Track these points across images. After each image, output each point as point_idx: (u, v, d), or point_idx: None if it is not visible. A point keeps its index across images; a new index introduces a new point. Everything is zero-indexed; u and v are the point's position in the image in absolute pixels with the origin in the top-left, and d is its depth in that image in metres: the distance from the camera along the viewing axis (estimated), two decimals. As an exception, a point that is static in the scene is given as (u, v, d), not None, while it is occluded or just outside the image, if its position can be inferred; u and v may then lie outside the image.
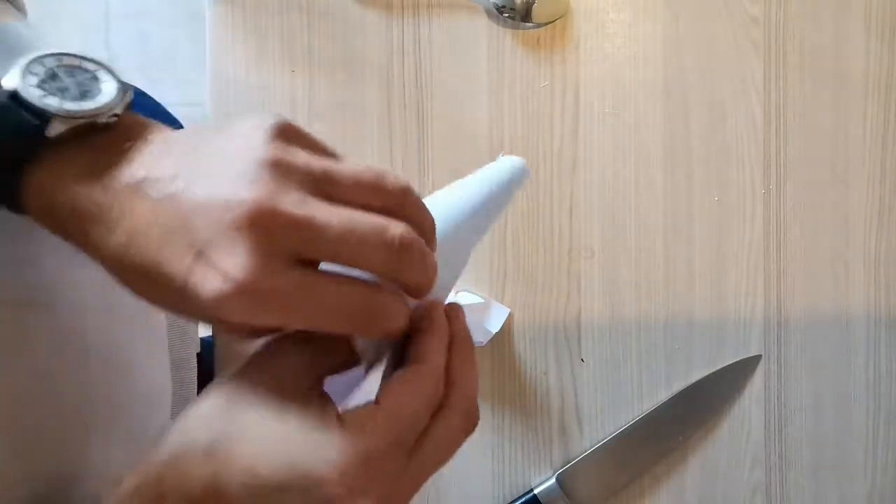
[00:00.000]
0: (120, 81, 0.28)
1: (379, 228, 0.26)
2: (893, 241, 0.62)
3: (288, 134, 0.27)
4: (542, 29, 0.61)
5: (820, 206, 0.62)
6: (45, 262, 0.32)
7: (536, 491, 0.60)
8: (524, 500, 0.60)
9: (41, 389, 0.31)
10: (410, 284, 0.28)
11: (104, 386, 0.34)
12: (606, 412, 0.61)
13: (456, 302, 0.33)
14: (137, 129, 0.28)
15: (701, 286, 0.62)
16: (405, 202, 0.28)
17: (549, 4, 0.60)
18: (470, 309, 0.57)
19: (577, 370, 0.61)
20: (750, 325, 0.62)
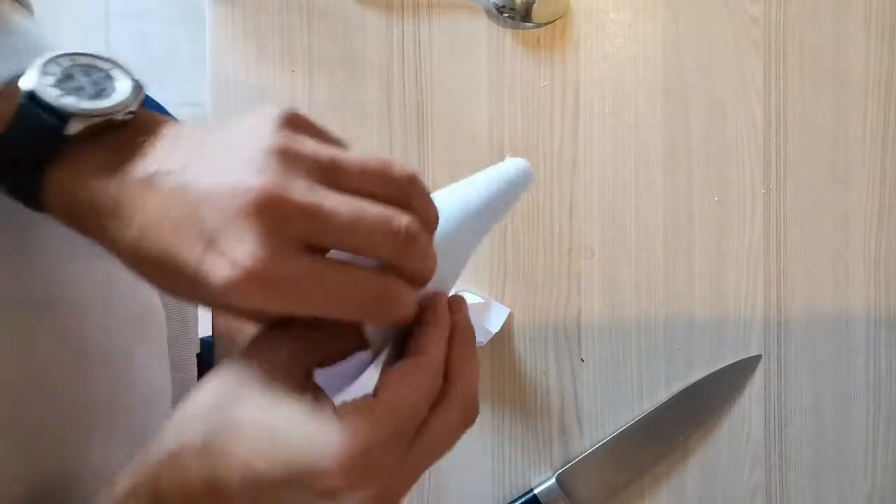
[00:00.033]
0: (133, 79, 0.28)
1: (386, 217, 0.26)
2: (893, 241, 0.62)
3: (295, 123, 0.27)
4: (542, 29, 0.61)
5: (820, 206, 0.62)
6: (44, 262, 0.32)
7: (536, 491, 0.60)
8: (524, 500, 0.60)
9: (41, 389, 0.31)
10: (414, 273, 0.28)
11: (104, 386, 0.34)
12: (606, 412, 0.61)
13: (459, 294, 0.32)
14: (150, 124, 0.28)
15: (701, 286, 0.62)
16: (412, 192, 0.28)
17: (549, 4, 0.60)
18: (470, 309, 0.56)
19: (577, 370, 0.61)
20: (750, 325, 0.62)
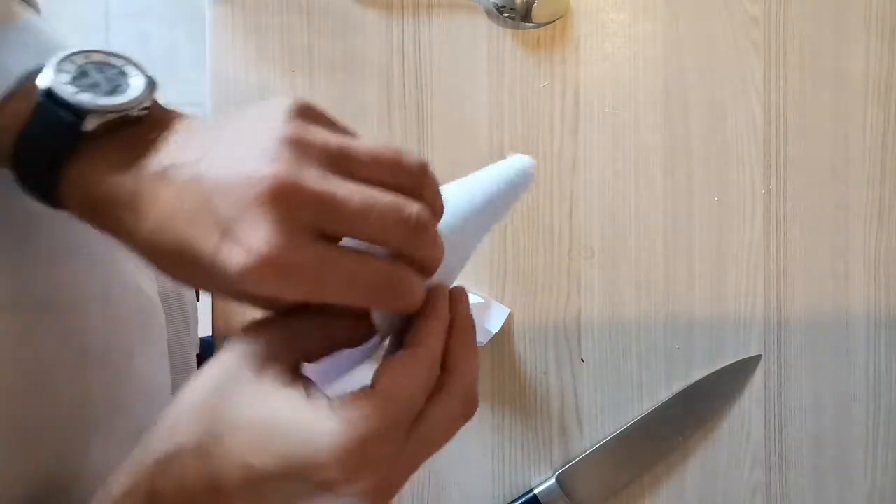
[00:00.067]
0: (146, 75, 0.29)
1: (396, 206, 0.27)
2: (893, 241, 0.62)
3: (307, 113, 0.27)
4: (542, 29, 0.61)
5: (820, 206, 0.62)
6: (44, 262, 0.32)
7: (536, 491, 0.60)
8: (524, 500, 0.60)
9: (41, 389, 0.31)
10: (423, 261, 0.28)
11: (104, 386, 0.34)
12: (606, 412, 0.61)
13: (461, 286, 0.32)
14: (164, 119, 0.29)
15: (701, 286, 0.62)
16: (423, 181, 0.28)
17: (549, 4, 0.60)
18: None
19: (577, 370, 0.61)
20: (750, 325, 0.62)
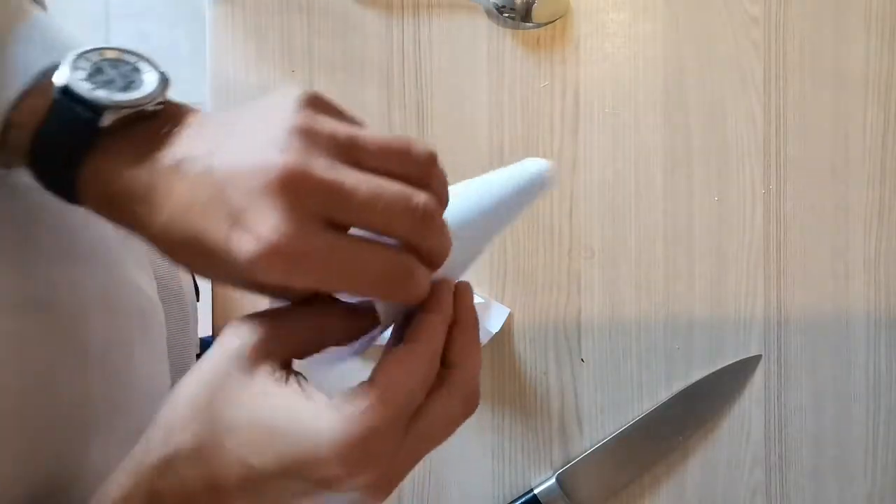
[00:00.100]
0: (159, 71, 0.29)
1: (404, 195, 0.27)
2: (893, 241, 0.62)
3: (316, 104, 0.27)
4: (542, 29, 0.61)
5: (820, 206, 0.62)
6: (44, 263, 0.32)
7: (536, 491, 0.60)
8: (524, 500, 0.60)
9: (41, 390, 0.31)
10: (430, 251, 0.28)
11: (104, 386, 0.34)
12: (606, 412, 0.61)
13: (465, 281, 0.32)
14: (177, 114, 0.29)
15: (701, 286, 0.62)
16: (431, 171, 0.28)
17: (549, 4, 0.60)
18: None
19: (577, 370, 0.61)
20: (750, 325, 0.62)
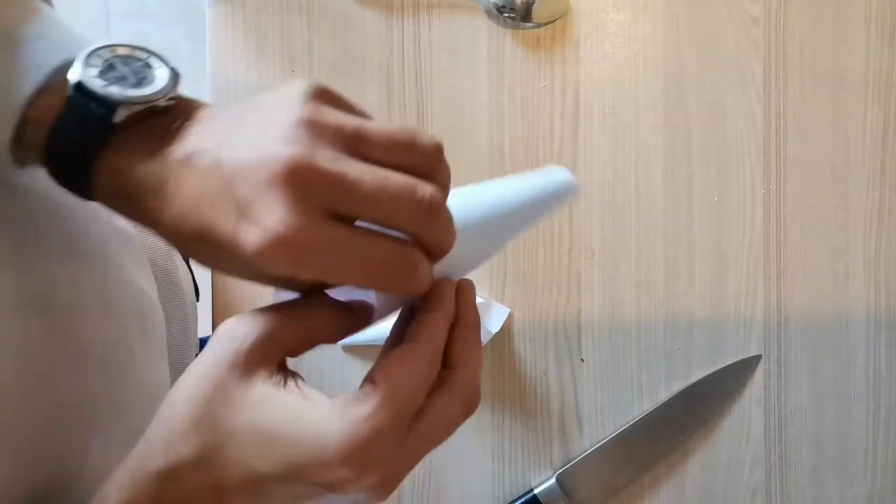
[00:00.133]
0: (170, 67, 0.29)
1: (409, 187, 0.27)
2: (893, 241, 0.62)
3: (323, 96, 0.28)
4: (542, 29, 0.61)
5: (820, 206, 0.62)
6: (44, 263, 0.32)
7: (536, 491, 0.60)
8: (524, 500, 0.60)
9: (41, 390, 0.31)
10: (434, 243, 0.28)
11: (104, 386, 0.34)
12: (606, 412, 0.61)
13: (469, 279, 0.32)
14: (188, 108, 0.29)
15: (701, 286, 0.62)
16: (437, 163, 0.28)
17: (549, 4, 0.60)
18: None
19: (577, 370, 0.61)
20: (750, 325, 0.62)
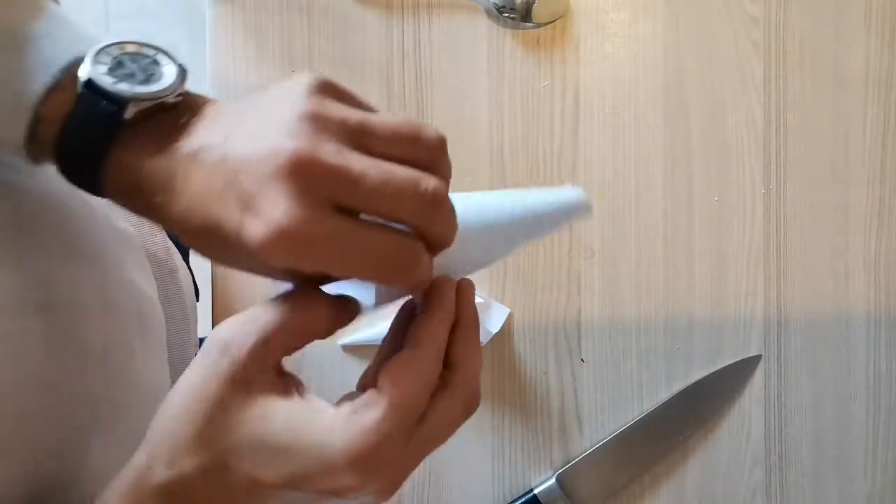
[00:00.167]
0: (178, 63, 0.29)
1: (413, 180, 0.27)
2: (893, 241, 0.62)
3: (327, 89, 0.28)
4: (542, 29, 0.61)
5: (820, 206, 0.62)
6: (43, 263, 0.32)
7: (536, 491, 0.60)
8: (524, 500, 0.60)
9: (41, 389, 0.31)
10: (437, 237, 0.28)
11: (104, 386, 0.34)
12: (606, 412, 0.61)
13: (469, 279, 0.32)
14: (195, 104, 0.29)
15: (701, 286, 0.62)
16: (440, 156, 0.29)
17: (549, 4, 0.60)
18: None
19: (577, 370, 0.61)
20: (750, 325, 0.62)
